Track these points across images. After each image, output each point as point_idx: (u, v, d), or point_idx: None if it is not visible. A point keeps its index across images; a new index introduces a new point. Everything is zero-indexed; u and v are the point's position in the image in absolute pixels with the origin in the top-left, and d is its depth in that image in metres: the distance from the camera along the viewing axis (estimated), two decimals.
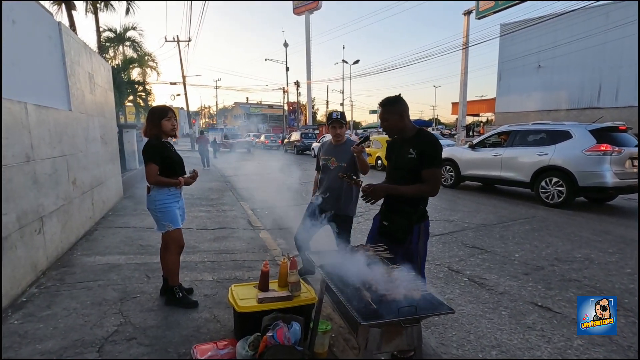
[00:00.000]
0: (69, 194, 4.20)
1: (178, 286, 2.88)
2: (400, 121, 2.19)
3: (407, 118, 2.22)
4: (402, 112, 2.19)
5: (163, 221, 2.76)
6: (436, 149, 2.11)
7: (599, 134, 6.49)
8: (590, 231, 5.18)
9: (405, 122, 2.20)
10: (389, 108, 2.20)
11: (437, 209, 6.80)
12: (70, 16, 14.02)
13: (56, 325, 2.54)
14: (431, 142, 2.12)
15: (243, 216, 5.98)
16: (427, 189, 2.11)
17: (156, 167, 2.68)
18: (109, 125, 6.43)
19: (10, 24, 3.12)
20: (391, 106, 2.20)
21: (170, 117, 2.80)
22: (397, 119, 2.19)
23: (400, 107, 2.19)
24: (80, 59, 5.03)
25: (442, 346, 2.49)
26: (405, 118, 2.20)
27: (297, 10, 25.00)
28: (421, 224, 2.20)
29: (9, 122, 2.91)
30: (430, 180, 2.10)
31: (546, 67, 22.59)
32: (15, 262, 2.91)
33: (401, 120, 2.19)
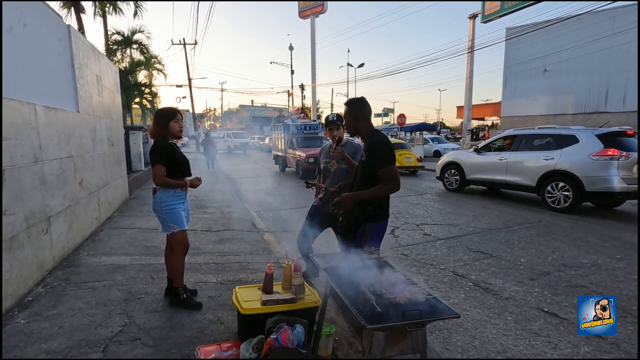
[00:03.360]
0: (76, 195, 4.24)
1: (182, 287, 2.89)
2: (355, 122, 2.29)
3: (363, 121, 2.29)
4: (358, 114, 2.28)
5: (169, 222, 2.78)
6: (380, 149, 2.17)
7: (606, 138, 6.42)
8: (597, 236, 5.12)
9: (361, 124, 2.28)
10: (347, 108, 2.33)
11: (442, 212, 6.77)
12: (79, 19, 14.22)
13: (61, 324, 2.56)
14: (374, 143, 2.20)
15: (247, 218, 6.00)
16: (388, 187, 2.16)
17: (163, 169, 2.70)
18: (115, 127, 6.49)
19: (22, 27, 3.17)
20: (349, 107, 2.32)
21: (178, 119, 2.84)
22: (352, 120, 2.29)
23: (357, 109, 2.28)
24: (89, 61, 5.09)
25: (446, 351, 2.47)
26: (361, 120, 2.28)
27: (302, 13, 25.08)
28: (369, 224, 2.23)
29: (18, 123, 2.95)
30: (387, 178, 2.14)
31: (552, 71, 22.43)
32: (22, 262, 2.93)
33: (357, 121, 2.28)
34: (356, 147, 3.06)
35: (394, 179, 2.15)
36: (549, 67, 22.50)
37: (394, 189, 2.17)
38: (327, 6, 24.16)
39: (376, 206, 2.22)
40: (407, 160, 12.63)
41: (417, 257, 4.35)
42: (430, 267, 4.01)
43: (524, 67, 23.31)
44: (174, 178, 2.79)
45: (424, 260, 4.24)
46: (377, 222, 2.26)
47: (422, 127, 26.42)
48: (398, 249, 4.61)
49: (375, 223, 2.25)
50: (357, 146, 3.08)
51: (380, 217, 2.26)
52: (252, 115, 59.12)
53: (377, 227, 2.28)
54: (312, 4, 24.41)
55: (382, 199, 2.24)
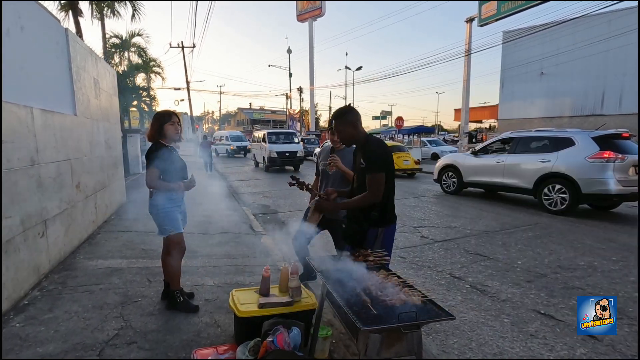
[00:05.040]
0: (73, 198, 4.23)
1: (179, 290, 2.88)
2: (353, 129, 2.24)
3: (360, 127, 2.28)
4: (355, 121, 2.25)
5: (165, 225, 2.77)
6: (375, 154, 2.13)
7: (602, 141, 6.46)
8: (593, 239, 5.14)
9: (358, 130, 2.26)
10: (342, 119, 2.25)
11: (439, 215, 6.78)
12: (77, 22, 14.20)
13: (57, 328, 2.55)
14: (371, 148, 2.16)
15: (245, 221, 5.99)
16: (368, 196, 2.11)
17: (157, 172, 2.69)
18: (113, 130, 6.49)
19: (19, 31, 3.18)
20: (343, 117, 2.25)
21: (174, 122, 2.82)
22: (351, 129, 2.24)
23: (352, 117, 2.25)
24: (86, 64, 5.10)
25: (443, 353, 2.47)
26: (357, 127, 2.26)
27: (300, 17, 25.22)
28: (378, 229, 2.20)
29: (15, 126, 2.95)
30: (371, 185, 2.10)
31: (549, 74, 22.56)
32: (18, 265, 2.92)
33: (354, 129, 2.24)
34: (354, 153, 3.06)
35: (376, 188, 2.10)
36: (546, 70, 22.64)
37: (372, 198, 2.11)
38: (325, 9, 24.28)
39: (380, 210, 2.17)
40: (404, 163, 12.65)
41: (414, 259, 4.36)
42: (428, 270, 4.01)
43: (521, 70, 23.44)
44: (170, 181, 2.76)
45: (421, 262, 4.24)
46: (387, 227, 2.23)
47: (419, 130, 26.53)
48: (395, 251, 4.60)
49: (387, 228, 2.23)
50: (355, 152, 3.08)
51: (387, 222, 2.23)
52: (250, 118, 59.19)
53: (388, 231, 2.26)
54: (310, 7, 24.52)
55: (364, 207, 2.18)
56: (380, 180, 2.11)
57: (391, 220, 2.27)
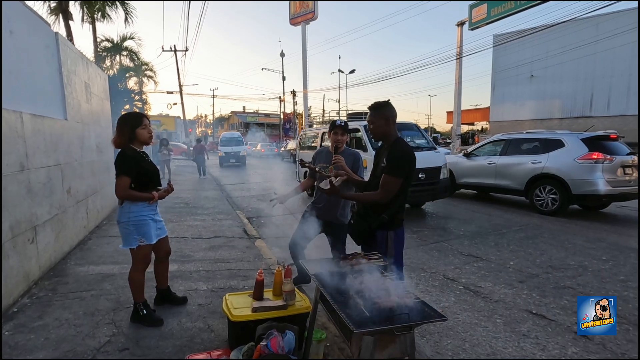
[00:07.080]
0: (64, 203, 4.18)
1: (142, 303, 2.69)
2: (385, 126, 2.22)
3: (392, 124, 2.24)
4: (389, 117, 2.22)
5: (135, 235, 2.55)
6: (401, 159, 2.11)
7: (591, 142, 6.57)
8: (584, 239, 5.22)
9: (391, 127, 2.23)
10: (377, 112, 2.24)
11: (433, 217, 6.83)
12: (68, 26, 14.08)
13: (47, 336, 2.51)
14: (397, 152, 2.13)
15: (239, 225, 5.97)
16: (376, 195, 2.12)
17: (128, 180, 2.50)
18: (104, 134, 6.43)
19: (8, 35, 3.14)
20: (379, 110, 2.24)
21: (146, 125, 2.61)
22: (382, 124, 2.22)
23: (387, 112, 2.22)
24: (77, 68, 5.05)
25: (437, 354, 2.48)
26: (390, 124, 2.23)
27: (293, 20, 25.21)
28: (388, 232, 2.19)
29: (4, 131, 2.91)
30: (384, 186, 2.10)
31: (539, 76, 22.93)
32: (7, 272, 2.87)
33: (387, 125, 2.22)
34: (355, 154, 3.07)
35: (388, 190, 2.09)
36: (536, 73, 23.00)
37: (379, 198, 2.12)
38: (318, 13, 24.36)
39: (390, 213, 2.16)
40: None
41: (407, 261, 4.37)
42: (421, 271, 4.04)
43: (511, 73, 23.78)
44: (142, 190, 2.58)
45: (414, 264, 4.26)
46: (395, 230, 2.22)
47: None
48: None
49: (395, 231, 2.22)
50: (355, 154, 3.08)
51: (395, 225, 2.22)
52: (243, 122, 59.05)
53: (398, 235, 2.24)
54: (303, 11, 24.59)
55: (382, 205, 2.16)
56: (396, 185, 2.10)
57: (399, 224, 2.26)
